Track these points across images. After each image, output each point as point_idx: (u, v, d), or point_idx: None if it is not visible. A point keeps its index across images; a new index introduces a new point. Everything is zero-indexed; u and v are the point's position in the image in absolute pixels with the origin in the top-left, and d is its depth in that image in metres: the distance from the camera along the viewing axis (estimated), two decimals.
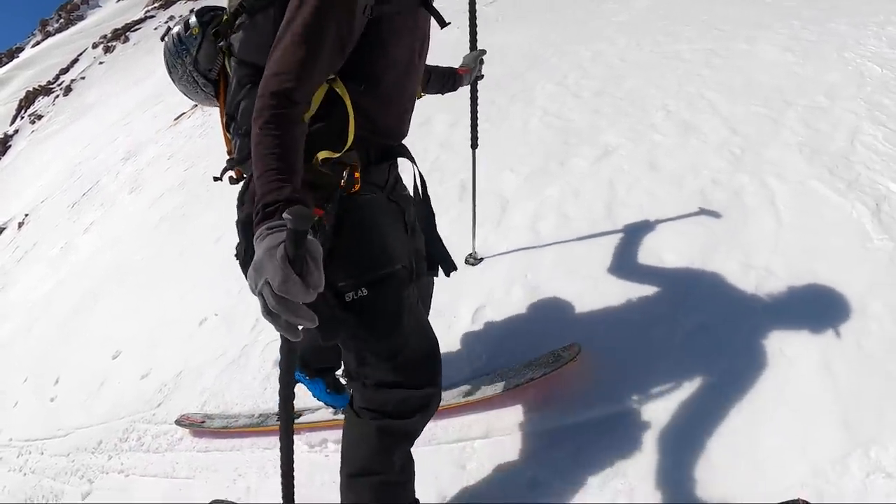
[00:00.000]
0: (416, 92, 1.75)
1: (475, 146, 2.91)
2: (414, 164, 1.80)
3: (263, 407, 2.84)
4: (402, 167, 1.85)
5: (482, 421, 2.28)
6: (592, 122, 4.06)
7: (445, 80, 2.29)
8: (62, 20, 48.79)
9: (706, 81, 4.20)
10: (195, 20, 1.73)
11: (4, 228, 10.04)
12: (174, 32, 1.78)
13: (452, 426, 2.30)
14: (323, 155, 1.47)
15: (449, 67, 2.34)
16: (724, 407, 2.01)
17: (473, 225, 3.06)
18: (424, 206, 1.89)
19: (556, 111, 4.40)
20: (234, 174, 1.67)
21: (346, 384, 2.48)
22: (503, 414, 2.27)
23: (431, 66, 2.11)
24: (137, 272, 5.12)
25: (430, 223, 1.90)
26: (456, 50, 2.49)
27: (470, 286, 2.94)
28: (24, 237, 8.77)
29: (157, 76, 13.07)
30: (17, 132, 20.91)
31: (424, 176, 1.91)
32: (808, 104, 3.54)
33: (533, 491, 1.99)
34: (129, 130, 10.17)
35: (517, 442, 2.16)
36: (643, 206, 3.06)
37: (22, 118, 22.86)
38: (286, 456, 1.33)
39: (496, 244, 3.19)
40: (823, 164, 2.93)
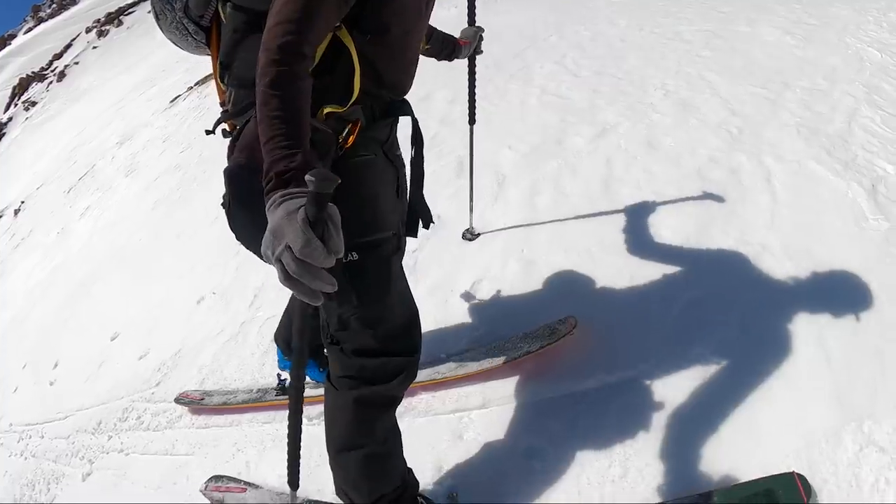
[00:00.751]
0: (420, 45, 1.69)
1: (473, 122, 2.90)
2: (415, 120, 1.72)
3: (262, 382, 2.85)
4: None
5: (479, 392, 2.30)
6: (591, 100, 4.05)
7: (445, 44, 2.24)
8: (54, 5, 48.26)
9: (706, 62, 4.20)
10: None
11: (1, 216, 10.01)
12: None
13: (450, 397, 2.32)
14: (327, 110, 1.41)
15: (450, 35, 2.30)
16: (718, 380, 2.03)
17: (471, 201, 3.06)
18: (417, 163, 1.82)
19: (554, 90, 4.38)
20: (227, 127, 1.58)
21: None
22: (500, 385, 2.29)
23: (432, 26, 2.04)
24: (134, 255, 5.11)
25: (418, 183, 1.82)
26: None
27: (467, 261, 2.97)
28: (20, 224, 8.74)
29: (152, 59, 12.99)
30: (11, 119, 20.76)
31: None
32: (807, 86, 3.56)
33: (529, 460, 2.01)
34: (123, 114, 10.10)
35: (514, 412, 2.18)
36: (640, 183, 3.08)
37: (16, 105, 22.68)
38: (294, 433, 1.31)
39: (493, 220, 3.20)
40: (821, 144, 2.95)
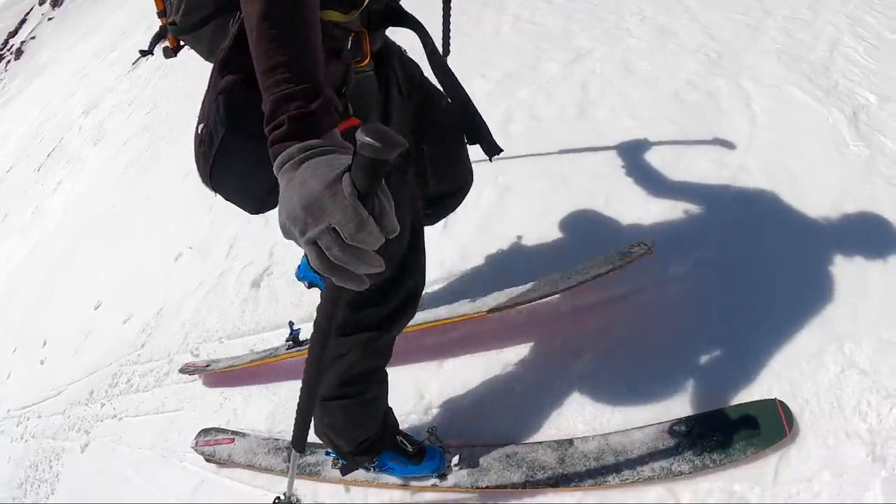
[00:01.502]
0: None
1: (447, 54, 2.74)
2: (420, 27, 1.44)
3: (245, 328, 2.83)
4: None
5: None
6: (565, 27, 3.94)
7: None
8: None
9: None
10: None
11: None
12: None
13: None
14: (329, 17, 1.14)
15: None
16: (696, 303, 2.02)
17: None
18: (446, 73, 1.51)
19: (528, 17, 4.26)
20: (169, 44, 1.31)
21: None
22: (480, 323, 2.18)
23: None
24: (109, 222, 4.99)
25: (457, 92, 1.53)
26: None
27: None
28: None
29: (110, 23, 12.49)
30: None
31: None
32: (789, 14, 3.46)
33: (507, 393, 2.00)
34: (87, 83, 9.73)
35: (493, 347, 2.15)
36: (616, 106, 3.05)
37: None
38: (308, 401, 1.17)
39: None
40: (802, 71, 2.91)
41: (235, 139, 1.07)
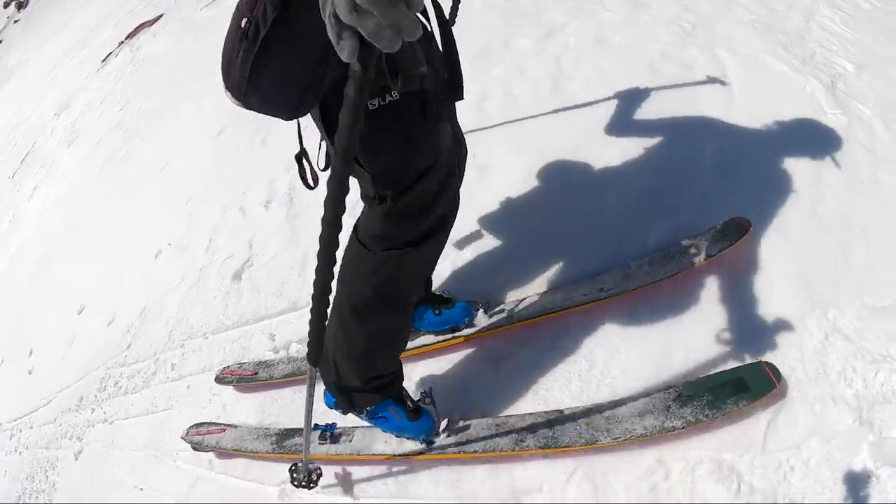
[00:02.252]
0: None
1: (453, 24, 2.64)
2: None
3: (228, 322, 2.77)
4: None
5: None
6: (538, 2, 3.86)
7: None
8: None
9: None
10: None
11: None
12: None
13: None
14: None
15: None
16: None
17: None
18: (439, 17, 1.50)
19: None
20: None
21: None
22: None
23: None
24: (87, 223, 4.91)
25: (448, 35, 1.52)
26: None
27: None
28: None
29: (77, 21, 12.25)
30: None
31: None
32: None
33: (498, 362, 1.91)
34: (57, 83, 9.55)
35: None
36: (590, 79, 3.00)
37: None
38: (320, 312, 1.16)
39: None
40: (777, 40, 2.86)
41: (283, 28, 1.06)
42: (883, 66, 2.61)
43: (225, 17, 1.20)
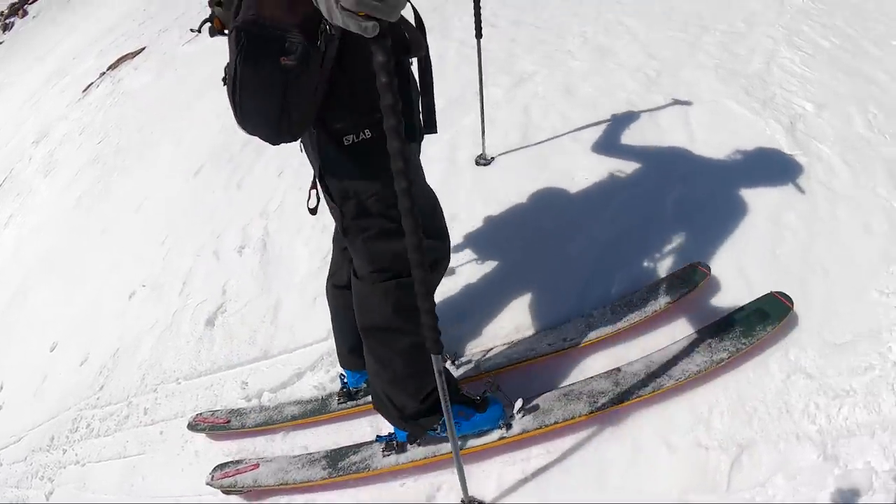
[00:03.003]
0: None
1: (479, 36, 2.80)
2: (413, 7, 1.55)
3: (201, 368, 2.77)
4: None
5: None
6: (509, 50, 4.04)
7: None
8: None
9: (624, 8, 4.22)
10: None
11: None
12: None
13: None
14: None
15: None
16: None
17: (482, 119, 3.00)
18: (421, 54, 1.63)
19: (472, 43, 4.27)
20: (214, 24, 1.46)
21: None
22: None
23: None
24: (62, 258, 4.88)
25: (426, 75, 1.65)
26: None
27: None
28: None
29: (62, 47, 12.22)
30: None
31: None
32: (726, 29, 3.60)
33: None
34: (37, 110, 9.51)
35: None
36: (557, 129, 3.11)
37: None
38: (428, 299, 1.28)
39: None
40: (739, 85, 3.00)
41: (248, 65, 1.25)
42: (842, 103, 2.74)
43: (206, 53, 1.33)
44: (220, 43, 1.46)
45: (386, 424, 1.90)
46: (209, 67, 6.06)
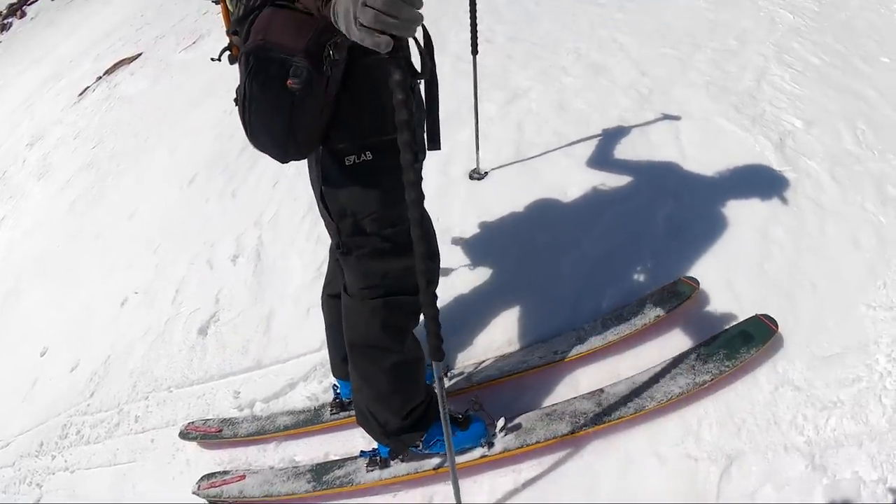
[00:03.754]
0: None
1: (475, 52, 2.82)
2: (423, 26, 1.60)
3: (193, 377, 2.76)
4: None
5: None
6: (504, 66, 4.07)
7: None
8: None
9: (618, 25, 4.25)
10: None
11: None
12: None
13: None
14: None
15: None
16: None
17: (476, 134, 3.02)
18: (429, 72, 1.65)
19: (468, 58, 4.33)
20: (233, 52, 1.52)
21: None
22: None
23: None
24: (55, 262, 4.86)
25: (433, 94, 1.68)
26: None
27: None
28: None
29: (59, 51, 12.18)
30: None
31: None
32: (718, 47, 3.63)
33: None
34: (32, 113, 9.45)
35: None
36: (550, 144, 3.13)
37: None
38: (431, 305, 1.30)
39: None
40: (730, 102, 3.04)
41: (256, 86, 1.31)
42: (831, 120, 2.77)
43: (202, 61, 1.37)
44: (217, 53, 1.51)
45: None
46: (205, 75, 6.08)
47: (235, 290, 3.10)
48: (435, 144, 1.70)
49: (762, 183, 2.50)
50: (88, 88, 8.65)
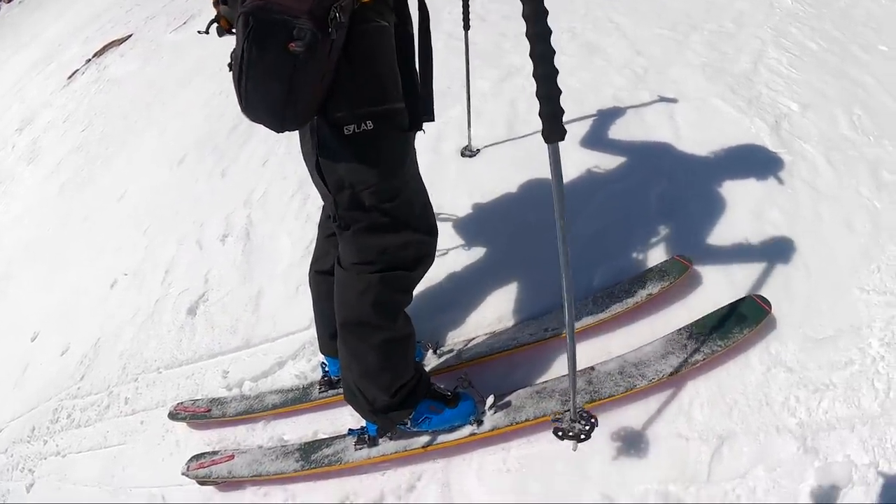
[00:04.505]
0: None
1: (467, 28, 2.80)
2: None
3: (182, 357, 2.75)
4: None
5: None
6: (498, 44, 4.02)
7: None
8: None
9: (614, 5, 4.21)
10: None
11: None
12: None
13: None
14: None
15: None
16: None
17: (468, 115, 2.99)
18: (425, 43, 1.65)
19: (461, 35, 4.30)
20: (221, 24, 1.47)
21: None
22: None
23: None
24: (44, 246, 4.82)
25: (427, 64, 1.67)
26: None
27: None
28: None
29: (47, 34, 12.06)
30: None
31: None
32: (714, 29, 3.59)
33: None
34: (22, 97, 9.36)
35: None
36: None
37: None
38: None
39: None
40: (726, 83, 3.01)
41: (255, 49, 1.25)
42: (828, 105, 2.76)
43: (193, 41, 1.32)
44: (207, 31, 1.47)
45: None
46: (196, 56, 6.01)
47: (224, 269, 3.07)
48: (429, 116, 1.67)
49: (757, 164, 2.49)
50: (78, 71, 8.55)
